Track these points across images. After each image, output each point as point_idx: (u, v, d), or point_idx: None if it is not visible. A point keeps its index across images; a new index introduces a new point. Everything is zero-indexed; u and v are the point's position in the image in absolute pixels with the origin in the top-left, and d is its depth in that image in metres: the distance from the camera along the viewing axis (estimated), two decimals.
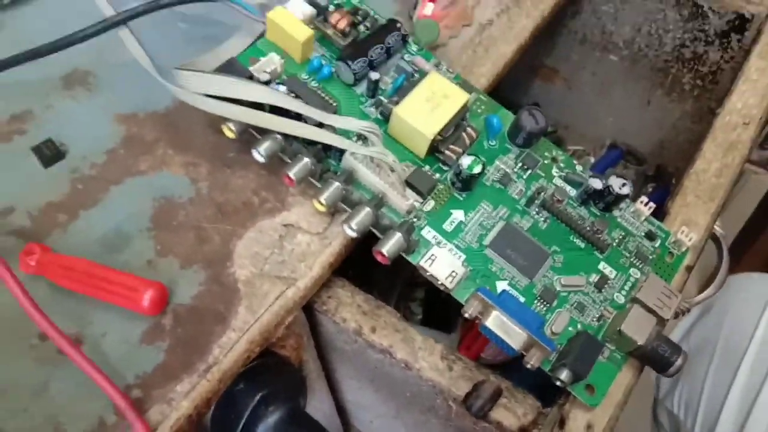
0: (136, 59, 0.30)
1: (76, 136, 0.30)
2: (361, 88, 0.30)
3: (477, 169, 0.27)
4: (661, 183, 0.53)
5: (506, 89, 0.38)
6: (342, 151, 0.28)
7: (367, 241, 0.27)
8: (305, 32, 0.29)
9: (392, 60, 0.31)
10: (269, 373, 0.26)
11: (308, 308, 0.28)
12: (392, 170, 0.27)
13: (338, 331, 0.29)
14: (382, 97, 0.30)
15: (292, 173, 0.26)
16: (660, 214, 0.31)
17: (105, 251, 0.26)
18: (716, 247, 0.37)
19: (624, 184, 0.28)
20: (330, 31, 0.30)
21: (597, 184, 0.28)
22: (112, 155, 0.29)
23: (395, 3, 0.35)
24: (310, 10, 0.31)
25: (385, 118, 0.29)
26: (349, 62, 0.29)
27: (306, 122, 0.27)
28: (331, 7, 0.31)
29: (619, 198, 0.28)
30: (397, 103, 0.29)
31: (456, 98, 0.28)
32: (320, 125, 0.27)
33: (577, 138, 0.56)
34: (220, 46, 0.32)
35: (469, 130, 0.29)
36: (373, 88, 0.30)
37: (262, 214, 0.28)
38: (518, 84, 0.56)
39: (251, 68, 0.29)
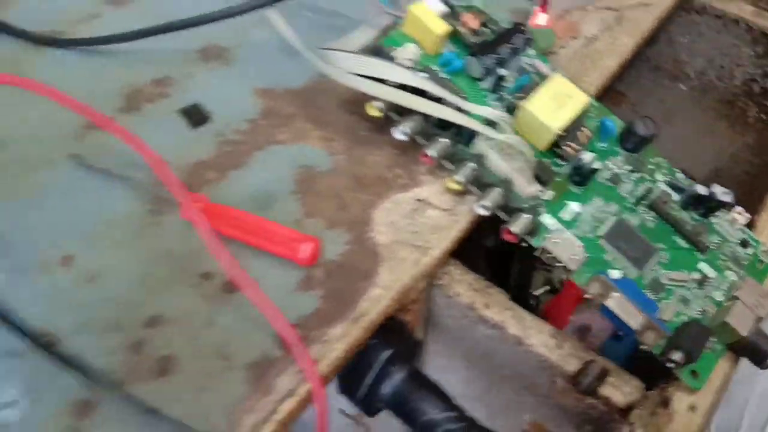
0: (270, 39, 0.33)
1: (217, 104, 0.32)
2: (486, 84, 0.33)
3: (597, 165, 0.30)
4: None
5: None
6: (471, 137, 0.30)
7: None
8: (443, 27, 0.32)
9: (515, 60, 0.34)
10: (396, 333, 0.28)
11: None
12: (522, 157, 0.29)
13: (449, 306, 0.31)
14: (504, 93, 0.33)
15: (432, 152, 0.29)
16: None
17: (255, 208, 0.28)
18: None
19: (726, 193, 0.31)
20: (462, 29, 0.33)
21: (702, 190, 0.31)
22: (253, 124, 0.32)
23: (510, 13, 0.38)
24: (444, 8, 0.33)
25: (508, 112, 0.32)
26: (480, 57, 0.32)
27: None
28: (461, 9, 0.34)
29: (720, 204, 0.31)
30: (520, 99, 0.31)
31: (578, 99, 0.31)
32: (458, 110, 0.29)
33: None
34: (349, 36, 0.35)
35: (584, 130, 0.32)
36: (498, 84, 0.32)
37: (396, 188, 0.30)
38: None
39: (392, 54, 0.31)
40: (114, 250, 0.26)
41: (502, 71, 0.32)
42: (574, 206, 0.30)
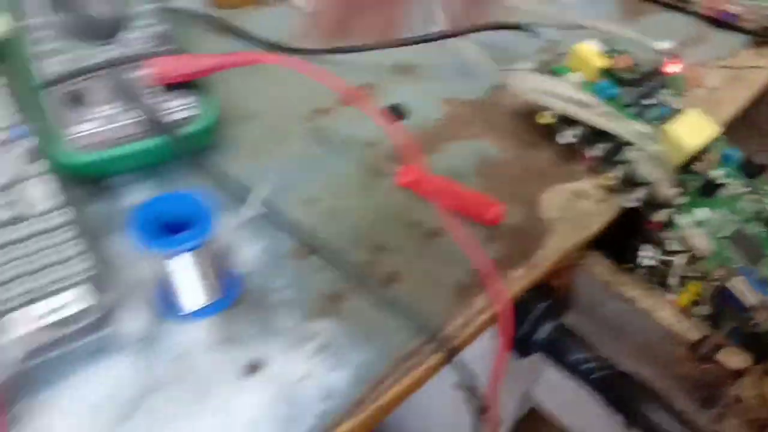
0: (448, 61, 0.42)
1: (412, 106, 0.41)
2: (633, 110, 0.41)
3: (723, 181, 0.37)
4: None
5: None
6: (620, 147, 0.38)
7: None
8: (602, 61, 0.40)
9: (655, 95, 0.42)
10: (551, 292, 0.35)
11: None
12: (665, 166, 0.37)
13: (588, 284, 0.38)
14: (647, 119, 0.40)
15: (593, 152, 0.36)
16: None
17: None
18: None
19: None
20: (616, 67, 0.41)
21: None
22: (441, 123, 0.40)
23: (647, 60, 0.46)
24: (601, 48, 0.42)
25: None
26: (627, 90, 0.40)
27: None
28: (614, 53, 0.42)
29: None
30: (662, 123, 0.39)
31: (710, 128, 0.38)
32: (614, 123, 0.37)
33: None
34: (514, 65, 0.44)
35: (712, 154, 0.39)
36: (643, 112, 0.40)
37: (558, 179, 0.38)
38: None
39: (562, 78, 0.40)
40: (347, 200, 0.34)
41: (647, 101, 0.40)
42: (702, 212, 0.37)
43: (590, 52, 0.41)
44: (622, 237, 0.39)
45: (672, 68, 0.45)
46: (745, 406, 0.33)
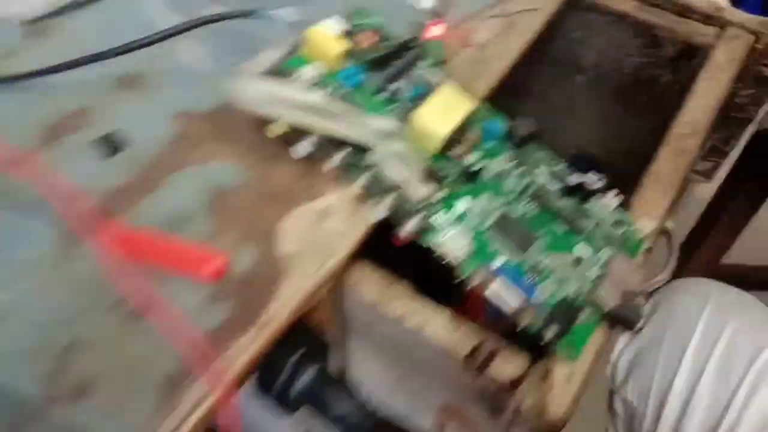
0: (181, 66, 0.35)
1: (133, 131, 0.34)
2: (383, 96, 0.36)
3: (481, 165, 0.33)
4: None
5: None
6: (363, 152, 0.33)
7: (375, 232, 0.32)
8: (339, 46, 0.35)
9: (409, 73, 0.37)
10: (305, 335, 0.31)
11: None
12: (411, 163, 0.32)
13: (356, 305, 0.34)
14: (401, 104, 0.36)
15: (331, 164, 0.31)
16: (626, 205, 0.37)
17: (169, 229, 0.30)
18: (667, 241, 0.44)
19: (598, 180, 0.34)
20: (358, 47, 0.36)
21: (575, 179, 0.35)
22: (167, 148, 0.34)
23: (407, 25, 0.41)
24: (343, 27, 0.36)
25: (406, 121, 0.35)
26: (377, 71, 0.35)
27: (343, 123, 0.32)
28: (359, 27, 0.37)
29: (593, 192, 0.35)
30: (414, 109, 0.34)
31: (464, 106, 0.34)
32: (352, 124, 0.32)
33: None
34: (254, 59, 0.37)
35: (472, 133, 0.35)
36: (395, 96, 0.35)
37: (301, 199, 0.32)
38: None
39: (293, 75, 0.34)
40: (28, 286, 0.28)
41: (395, 84, 0.35)
42: (463, 203, 0.33)
43: (326, 35, 0.35)
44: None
45: (433, 32, 0.40)
46: (525, 417, 0.31)
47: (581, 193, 0.35)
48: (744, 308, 0.39)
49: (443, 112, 0.34)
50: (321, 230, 0.32)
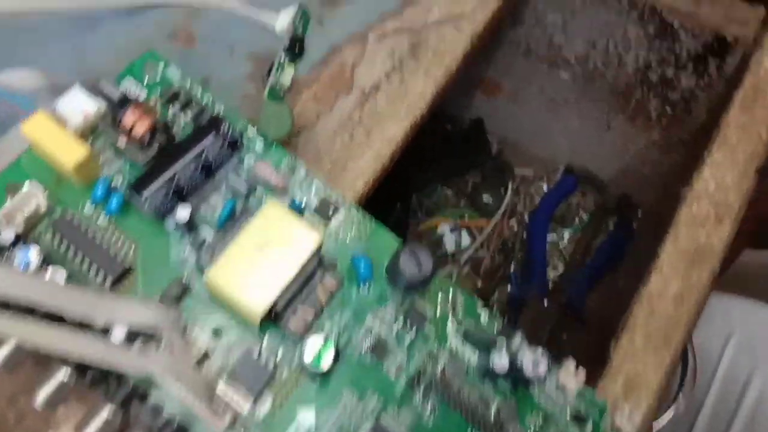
0: None
1: None
2: (170, 228, 0.21)
3: (326, 363, 0.19)
4: (624, 218, 0.45)
5: (446, 102, 0.29)
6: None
7: None
8: (78, 152, 0.20)
9: (221, 172, 0.22)
10: None
11: None
12: (196, 387, 0.18)
13: None
14: (203, 232, 0.21)
15: (41, 398, 0.18)
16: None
17: None
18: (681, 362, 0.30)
19: (539, 362, 0.20)
20: (121, 142, 0.21)
21: (502, 361, 0.20)
22: None
23: (247, 62, 0.26)
24: (95, 109, 0.21)
25: (201, 271, 0.21)
26: (144, 193, 0.20)
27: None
28: (142, 93, 0.22)
29: (531, 381, 0.20)
30: (216, 249, 0.20)
31: (304, 242, 0.20)
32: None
33: (527, 159, 0.48)
34: None
35: (327, 278, 0.21)
36: (192, 225, 0.21)
37: None
38: (458, 95, 0.46)
39: (2, 211, 0.20)
40: None
41: (183, 211, 0.20)
42: (306, 416, 0.20)
43: (53, 131, 0.20)
44: None
45: (284, 78, 0.25)
46: None
47: (512, 375, 0.21)
48: None
49: (263, 259, 0.19)
50: None
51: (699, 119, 0.36)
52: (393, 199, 0.43)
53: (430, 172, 0.47)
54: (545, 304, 0.42)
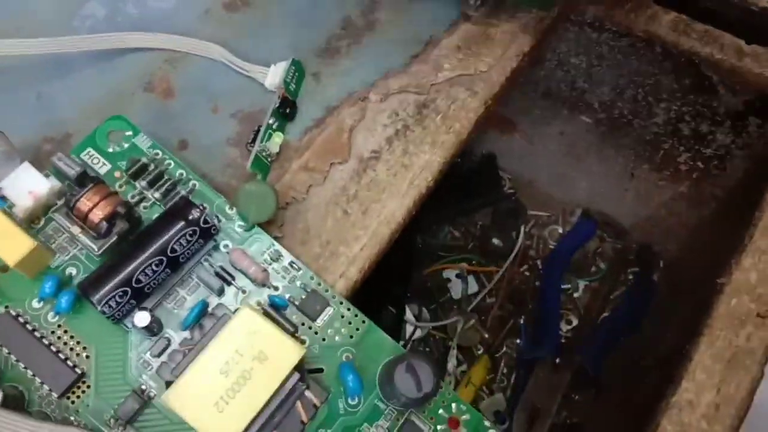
0: None
1: None
2: (123, 327, 0.18)
3: None
4: (645, 269, 0.42)
5: None
6: None
7: None
8: (22, 246, 0.17)
9: (190, 263, 0.19)
10: None
11: None
12: None
13: None
14: (168, 334, 0.18)
15: None
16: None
17: None
18: None
19: None
20: (75, 229, 0.18)
21: None
22: None
23: (231, 121, 0.23)
24: (47, 189, 0.18)
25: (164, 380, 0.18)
26: (96, 296, 0.17)
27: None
28: (105, 166, 0.19)
29: None
30: (182, 357, 0.17)
31: (283, 357, 0.17)
32: None
33: (543, 200, 0.44)
34: None
35: (308, 395, 0.18)
36: (150, 326, 0.18)
37: None
38: None
39: None
40: None
41: (141, 317, 0.17)
42: None
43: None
44: None
45: (272, 145, 0.23)
46: None
47: None
48: None
49: (232, 379, 0.17)
50: None
51: (735, 176, 0.33)
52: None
53: (436, 210, 0.44)
54: (557, 362, 0.39)
